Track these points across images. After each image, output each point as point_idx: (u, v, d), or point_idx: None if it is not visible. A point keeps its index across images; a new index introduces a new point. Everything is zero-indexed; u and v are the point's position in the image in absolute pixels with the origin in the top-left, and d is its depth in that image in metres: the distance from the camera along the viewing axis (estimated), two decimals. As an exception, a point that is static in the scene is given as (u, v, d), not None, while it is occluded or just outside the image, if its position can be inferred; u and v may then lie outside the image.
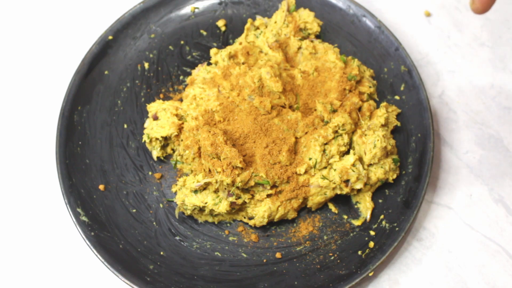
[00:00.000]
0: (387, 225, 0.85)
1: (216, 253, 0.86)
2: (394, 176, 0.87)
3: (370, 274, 0.82)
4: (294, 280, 0.82)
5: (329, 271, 0.82)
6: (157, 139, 0.90)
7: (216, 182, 0.81)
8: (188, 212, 0.85)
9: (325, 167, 0.85)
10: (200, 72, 0.93)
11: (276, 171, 0.83)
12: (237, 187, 0.82)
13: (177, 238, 0.87)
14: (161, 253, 0.85)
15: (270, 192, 0.84)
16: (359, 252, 0.84)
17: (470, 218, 0.90)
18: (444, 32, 1.04)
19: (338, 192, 0.85)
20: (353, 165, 0.84)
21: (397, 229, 0.83)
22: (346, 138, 0.86)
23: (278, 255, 0.85)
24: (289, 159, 0.84)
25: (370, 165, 0.86)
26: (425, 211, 0.90)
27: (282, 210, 0.84)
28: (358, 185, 0.84)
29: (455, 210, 0.90)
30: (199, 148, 0.85)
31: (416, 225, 0.89)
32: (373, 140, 0.85)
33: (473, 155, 0.94)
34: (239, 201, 0.83)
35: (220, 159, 0.81)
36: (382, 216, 0.86)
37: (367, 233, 0.85)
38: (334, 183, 0.84)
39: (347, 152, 0.87)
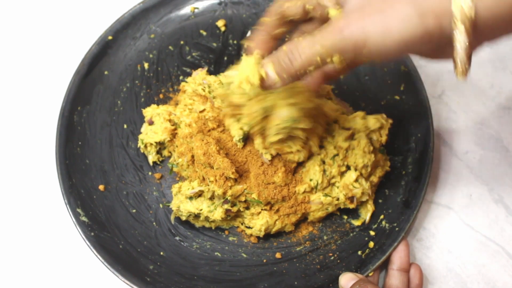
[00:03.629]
0: (387, 225, 0.86)
1: (216, 253, 0.87)
2: (389, 164, 0.88)
3: (370, 274, 0.83)
4: (294, 280, 0.83)
5: (329, 271, 0.83)
6: (151, 144, 0.91)
7: (209, 191, 0.82)
8: (184, 218, 0.86)
9: (327, 186, 0.85)
10: (188, 86, 0.92)
11: (269, 192, 0.83)
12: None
13: (177, 238, 0.88)
14: (161, 253, 0.86)
15: (265, 207, 0.84)
16: (359, 252, 0.84)
17: (470, 218, 0.90)
18: (444, 32, 1.05)
19: (342, 206, 0.86)
20: (356, 180, 0.83)
21: (397, 229, 0.84)
22: (343, 157, 0.84)
23: (278, 255, 0.86)
24: (284, 180, 0.83)
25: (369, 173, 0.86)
26: (425, 211, 0.91)
27: (279, 224, 0.85)
28: (364, 198, 0.85)
29: (455, 210, 0.91)
30: (193, 156, 0.85)
31: (416, 225, 0.90)
32: (362, 163, 0.83)
33: (473, 155, 0.95)
34: (234, 209, 0.83)
35: (213, 168, 0.81)
36: (382, 216, 0.87)
37: (367, 233, 0.86)
38: (337, 200, 0.84)
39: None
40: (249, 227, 0.86)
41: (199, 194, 0.84)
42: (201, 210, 0.83)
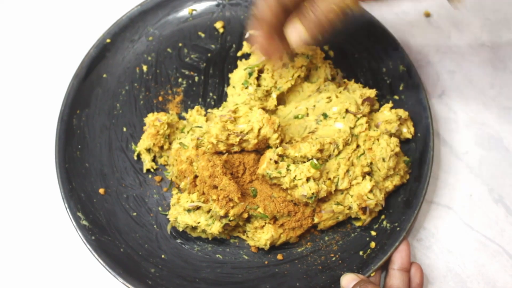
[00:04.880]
0: (388, 225, 0.89)
1: (217, 256, 0.90)
2: (407, 177, 0.91)
3: (372, 275, 0.86)
4: (296, 282, 0.86)
5: (330, 272, 0.86)
6: (145, 151, 0.94)
7: (208, 208, 0.84)
8: (181, 229, 0.88)
9: (341, 193, 0.88)
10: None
11: (275, 205, 0.85)
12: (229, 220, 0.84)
13: (178, 241, 0.91)
14: (162, 256, 0.89)
15: (269, 221, 0.87)
16: (361, 253, 0.87)
17: (470, 218, 0.94)
18: (444, 32, 1.08)
19: (353, 216, 0.89)
20: (370, 191, 0.86)
21: (398, 229, 0.87)
22: (369, 157, 0.88)
23: (279, 256, 0.89)
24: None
25: (386, 177, 0.89)
26: (425, 211, 0.94)
27: (284, 237, 0.88)
28: (377, 209, 0.88)
29: (455, 210, 0.95)
30: (195, 177, 0.86)
31: (416, 225, 0.93)
32: (380, 155, 0.88)
33: (473, 155, 0.98)
34: (233, 223, 0.86)
35: (217, 188, 0.83)
36: (383, 216, 0.90)
37: (368, 234, 0.89)
38: (349, 209, 0.87)
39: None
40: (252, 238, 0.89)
41: (198, 207, 0.86)
42: (198, 223, 0.85)
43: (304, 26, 0.73)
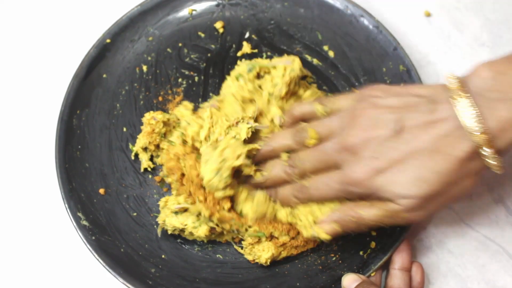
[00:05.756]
0: (388, 225, 0.90)
1: (217, 256, 0.91)
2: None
3: (372, 275, 0.87)
4: (296, 282, 0.87)
5: (331, 272, 0.87)
6: (142, 151, 0.95)
7: (195, 209, 0.84)
8: (170, 231, 0.89)
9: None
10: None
11: (274, 226, 0.86)
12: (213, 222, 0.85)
13: (178, 240, 0.92)
14: (163, 256, 0.90)
15: (267, 239, 0.87)
16: (361, 253, 0.88)
17: (470, 218, 0.95)
18: (444, 32, 1.09)
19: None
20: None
21: (398, 229, 0.88)
22: None
23: (279, 256, 0.90)
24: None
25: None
26: (425, 211, 0.95)
27: (284, 254, 0.88)
28: None
29: (455, 210, 0.95)
30: (182, 174, 0.87)
31: (416, 225, 0.94)
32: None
33: (473, 155, 0.99)
34: (219, 229, 0.86)
35: (204, 188, 0.84)
36: (382, 217, 0.91)
37: (368, 233, 0.90)
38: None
39: None
40: (242, 240, 0.89)
41: (185, 209, 0.86)
42: (185, 225, 0.86)
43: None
